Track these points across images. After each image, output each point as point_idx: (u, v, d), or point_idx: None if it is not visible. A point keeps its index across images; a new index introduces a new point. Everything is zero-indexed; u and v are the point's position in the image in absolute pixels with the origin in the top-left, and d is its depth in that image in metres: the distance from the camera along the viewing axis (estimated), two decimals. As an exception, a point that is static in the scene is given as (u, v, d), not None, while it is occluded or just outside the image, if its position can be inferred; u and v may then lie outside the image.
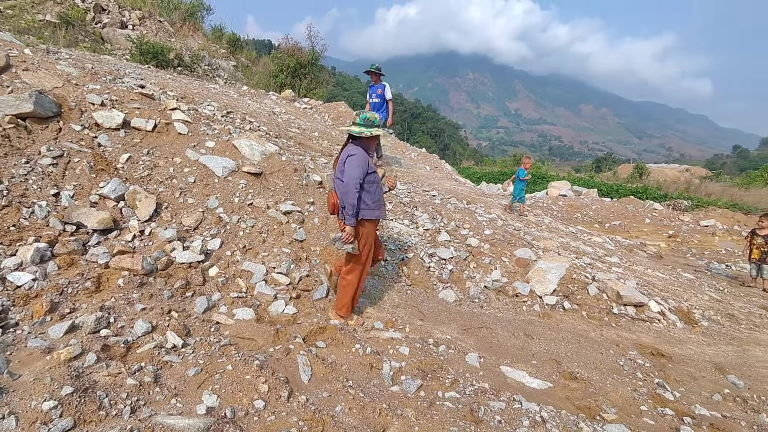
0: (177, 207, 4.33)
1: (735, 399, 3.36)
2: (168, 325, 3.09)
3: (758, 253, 7.19)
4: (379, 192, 3.64)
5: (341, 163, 3.51)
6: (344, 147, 3.62)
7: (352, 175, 3.37)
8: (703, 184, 20.74)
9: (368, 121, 3.53)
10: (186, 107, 6.03)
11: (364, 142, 3.59)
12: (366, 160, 3.49)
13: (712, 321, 5.06)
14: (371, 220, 3.59)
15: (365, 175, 3.46)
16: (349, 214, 3.41)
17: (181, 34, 16.45)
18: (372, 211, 3.57)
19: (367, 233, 3.60)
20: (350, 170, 3.39)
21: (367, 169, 3.49)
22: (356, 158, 3.43)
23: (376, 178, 3.60)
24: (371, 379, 2.98)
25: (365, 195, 3.50)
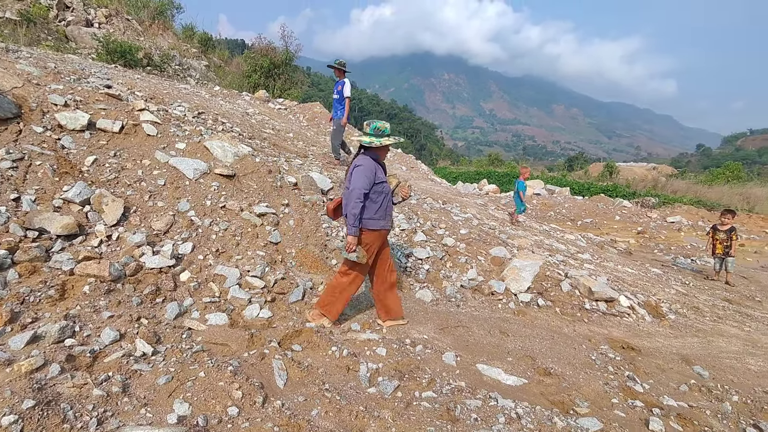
0: (146, 210, 4.21)
1: (700, 389, 3.48)
2: (137, 333, 3.00)
3: (721, 248, 7.41)
4: (386, 203, 3.61)
5: (349, 173, 3.55)
6: (356, 156, 3.63)
7: (358, 185, 3.38)
8: (669, 182, 21.49)
9: (378, 130, 3.52)
10: (155, 108, 5.88)
11: (375, 152, 3.57)
12: (373, 170, 3.48)
13: (679, 314, 5.23)
14: (375, 230, 3.57)
15: (372, 186, 3.45)
16: (350, 223, 3.44)
17: (150, 33, 16.04)
18: (376, 221, 3.55)
19: (371, 242, 3.58)
20: (355, 180, 3.41)
21: (374, 180, 3.47)
22: (362, 169, 3.43)
23: (384, 189, 3.58)
24: (348, 381, 2.96)
25: (371, 205, 3.49)
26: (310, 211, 5.10)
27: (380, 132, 3.51)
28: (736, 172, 25.56)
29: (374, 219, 3.54)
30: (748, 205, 16.66)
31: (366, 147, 3.56)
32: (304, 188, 5.42)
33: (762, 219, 14.83)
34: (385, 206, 3.59)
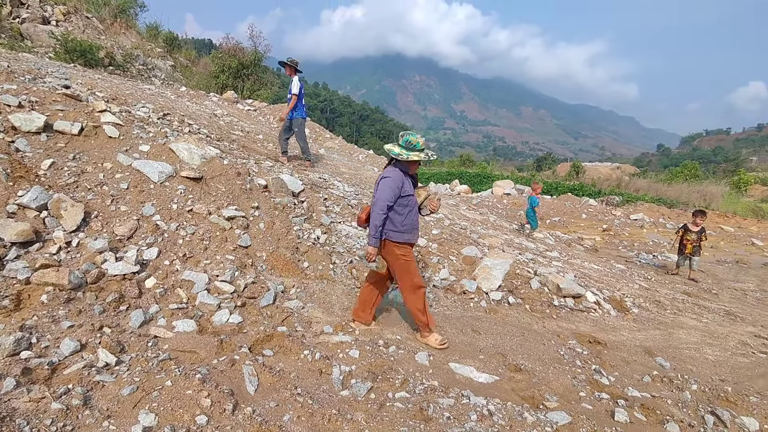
0: (108, 215, 4.06)
1: (662, 379, 3.62)
2: (99, 343, 2.88)
3: (691, 248, 7.61)
4: (411, 215, 3.58)
5: (376, 183, 3.55)
6: (386, 167, 3.64)
7: (382, 197, 3.39)
8: (632, 181, 22.30)
9: (410, 144, 3.49)
10: (117, 109, 5.69)
11: (405, 165, 3.55)
12: (400, 182, 3.47)
13: (642, 308, 5.44)
14: (399, 242, 3.56)
15: (397, 198, 3.44)
16: (371, 234, 3.45)
17: (111, 32, 15.51)
18: (400, 234, 3.54)
19: (402, 254, 3.58)
20: (381, 192, 3.42)
21: (400, 192, 3.46)
22: (389, 181, 3.44)
23: (410, 202, 3.56)
24: (321, 384, 2.93)
25: (395, 217, 3.49)
26: (281, 214, 5.04)
27: (411, 146, 3.48)
28: (694, 171, 26.78)
29: (398, 231, 3.53)
30: (704, 202, 17.46)
31: (395, 158, 3.55)
32: (275, 190, 5.34)
33: (717, 216, 15.58)
34: (410, 219, 3.57)
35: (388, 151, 3.56)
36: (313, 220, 5.31)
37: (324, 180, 7.18)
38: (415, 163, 3.56)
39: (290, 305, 3.93)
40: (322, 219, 5.37)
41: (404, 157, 3.46)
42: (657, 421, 2.99)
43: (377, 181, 3.56)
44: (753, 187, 23.93)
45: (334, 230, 5.33)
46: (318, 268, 4.66)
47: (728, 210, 16.50)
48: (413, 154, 3.47)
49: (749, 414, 3.14)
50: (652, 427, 2.92)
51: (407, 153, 3.47)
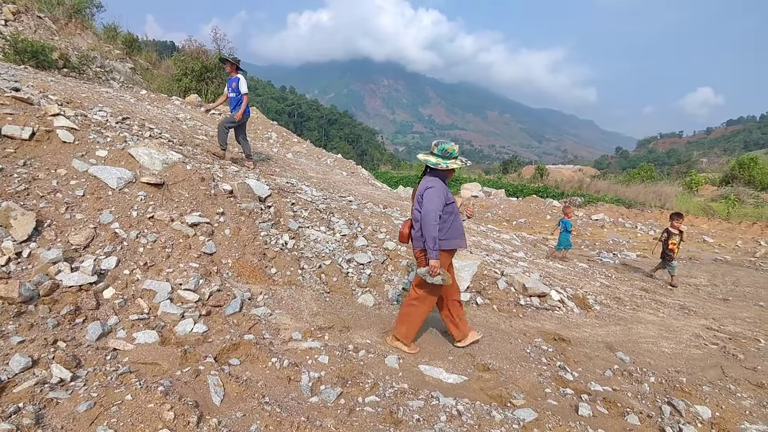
0: (62, 224, 3.87)
1: (623, 373, 3.76)
2: (53, 358, 2.74)
3: (677, 251, 7.61)
4: (457, 222, 3.59)
5: (419, 195, 3.50)
6: (422, 177, 3.61)
7: (431, 207, 3.35)
8: (592, 182, 23.15)
9: (446, 152, 3.47)
10: (72, 113, 5.46)
11: (441, 173, 3.54)
12: (444, 191, 3.47)
13: (603, 305, 5.64)
14: (447, 250, 3.56)
15: (444, 206, 3.43)
16: (430, 246, 3.36)
17: (66, 32, 14.86)
18: (448, 241, 3.53)
19: (443, 261, 3.56)
20: (429, 203, 3.37)
21: (446, 200, 3.46)
22: (435, 190, 3.41)
23: (454, 209, 3.56)
24: (289, 392, 2.89)
25: (442, 225, 3.47)
26: (247, 219, 4.95)
27: (448, 154, 3.48)
28: (650, 173, 28.07)
29: (446, 239, 3.52)
30: (660, 202, 18.31)
31: (432, 168, 3.53)
32: (241, 196, 5.24)
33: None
34: (457, 225, 3.59)
35: (424, 161, 3.55)
36: (280, 226, 5.24)
37: (292, 184, 7.11)
38: (451, 171, 3.58)
39: (257, 312, 3.86)
40: (289, 224, 5.30)
41: (442, 166, 3.46)
42: (618, 413, 3.10)
43: (418, 192, 3.54)
44: (703, 187, 25.28)
45: (302, 235, 5.28)
46: (286, 273, 4.60)
47: (682, 209, 17.36)
48: (450, 163, 3.49)
49: (702, 403, 3.30)
50: (614, 420, 3.02)
51: (445, 162, 3.47)
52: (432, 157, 3.52)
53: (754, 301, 6.86)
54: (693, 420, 3.07)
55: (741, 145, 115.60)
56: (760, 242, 12.59)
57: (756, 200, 20.14)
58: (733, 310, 6.30)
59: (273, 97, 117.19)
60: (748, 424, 3.07)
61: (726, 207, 17.46)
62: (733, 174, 25.88)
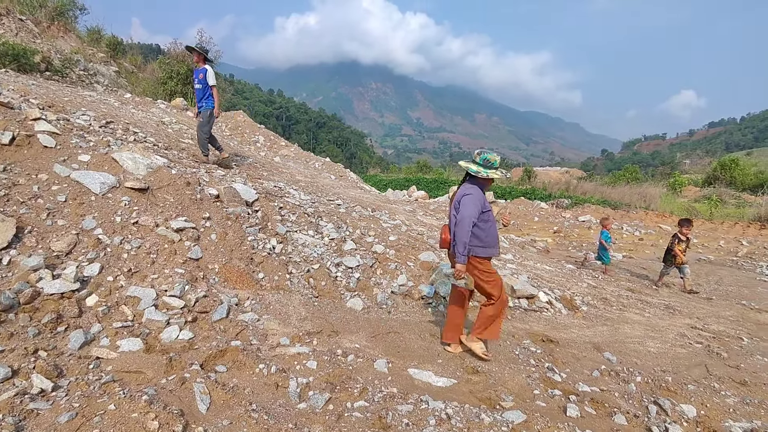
0: (44, 230, 3.79)
1: (610, 373, 3.80)
2: (34, 367, 2.67)
3: (683, 258, 7.40)
4: (493, 230, 3.63)
5: (456, 201, 3.58)
6: (461, 184, 3.70)
7: (467, 213, 3.42)
8: (579, 184, 23.42)
9: (488, 162, 3.55)
10: (54, 117, 5.37)
11: (480, 182, 3.61)
12: (482, 199, 3.54)
13: (590, 305, 5.69)
14: (483, 257, 3.61)
15: (480, 214, 3.49)
16: (460, 251, 3.46)
17: (48, 35, 14.63)
18: (485, 249, 3.60)
19: (487, 268, 3.64)
20: (465, 209, 3.45)
21: (482, 208, 3.52)
22: (473, 197, 3.49)
23: (490, 217, 3.60)
24: (277, 399, 2.86)
25: (479, 232, 3.53)
26: (234, 224, 4.90)
27: (489, 164, 3.56)
28: (634, 174, 28.52)
29: (483, 246, 3.57)
30: (644, 203, 18.59)
31: (472, 176, 3.60)
32: (227, 200, 5.19)
33: (657, 215, 16.63)
34: (493, 233, 3.64)
35: (465, 168, 3.62)
36: (268, 230, 5.20)
37: (279, 188, 7.06)
38: (490, 180, 3.64)
39: (245, 318, 3.82)
40: (277, 228, 5.26)
41: (483, 175, 3.53)
42: (606, 414, 3.13)
43: (456, 199, 3.61)
44: (687, 188, 25.74)
45: (290, 239, 5.24)
46: (274, 278, 4.56)
47: (666, 210, 17.65)
48: (491, 172, 3.55)
49: (688, 402, 3.35)
50: (602, 420, 3.04)
51: (486, 171, 3.54)
52: (473, 165, 3.60)
53: (737, 299, 6.99)
54: (679, 419, 3.10)
55: (722, 146, 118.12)
56: (742, 242, 12.85)
57: (737, 201, 20.57)
58: (716, 309, 6.41)
59: (260, 100, 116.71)
60: (732, 422, 3.11)
61: (708, 207, 17.80)
62: (715, 175, 26.43)
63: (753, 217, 15.48)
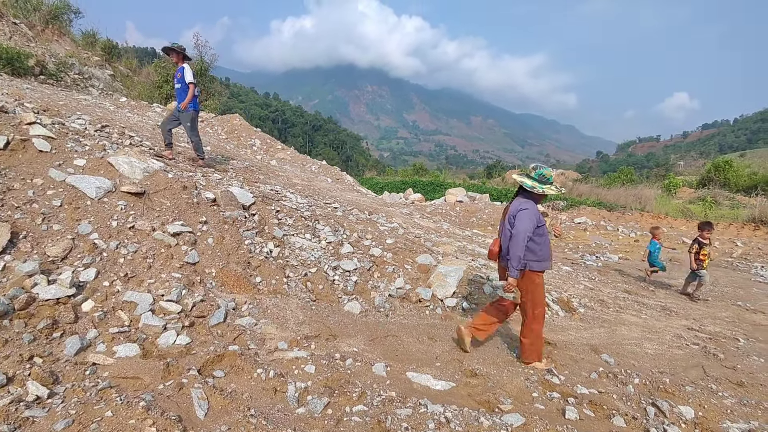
0: (39, 235, 3.77)
1: (608, 375, 3.80)
2: (29, 374, 2.65)
3: (707, 262, 7.04)
4: (546, 244, 3.65)
5: (511, 215, 3.60)
6: (514, 198, 3.72)
7: (522, 228, 3.44)
8: (575, 186, 23.50)
9: (543, 177, 3.58)
10: (49, 121, 5.34)
11: (534, 197, 3.63)
12: (537, 214, 3.55)
13: (587, 307, 5.70)
14: (538, 271, 3.64)
15: (535, 228, 3.51)
16: (513, 265, 3.47)
17: (43, 39, 14.58)
18: (539, 263, 3.61)
19: (538, 283, 3.66)
20: (521, 223, 3.47)
21: (537, 223, 3.54)
22: (528, 212, 3.50)
23: (544, 231, 3.62)
24: (275, 404, 2.84)
25: (533, 246, 3.55)
26: (231, 228, 4.88)
27: (545, 179, 3.58)
28: (629, 176, 28.64)
29: (538, 260, 3.60)
30: (640, 204, 18.67)
31: (526, 190, 3.61)
32: (224, 204, 5.18)
33: (652, 217, 16.69)
34: (547, 246, 3.66)
35: (520, 182, 3.63)
36: (265, 234, 5.19)
37: (276, 192, 7.05)
38: (544, 195, 3.64)
39: (242, 322, 3.80)
40: (274, 232, 5.25)
41: (538, 191, 3.54)
42: (604, 416, 3.13)
43: (510, 213, 3.64)
44: (681, 190, 25.89)
45: (287, 243, 5.23)
46: (271, 282, 4.54)
47: (661, 211, 17.73)
48: (546, 188, 3.57)
49: (685, 403, 3.36)
50: (600, 422, 3.05)
51: (541, 186, 3.56)
52: (528, 179, 3.62)
53: (732, 300, 7.03)
54: (677, 420, 3.11)
55: (716, 148, 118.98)
56: (737, 243, 12.93)
57: (731, 202, 20.70)
58: (712, 310, 6.44)
59: (257, 103, 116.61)
60: (730, 423, 3.12)
61: (703, 209, 17.91)
62: (709, 176, 26.58)
63: (747, 218, 15.57)
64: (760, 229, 14.53)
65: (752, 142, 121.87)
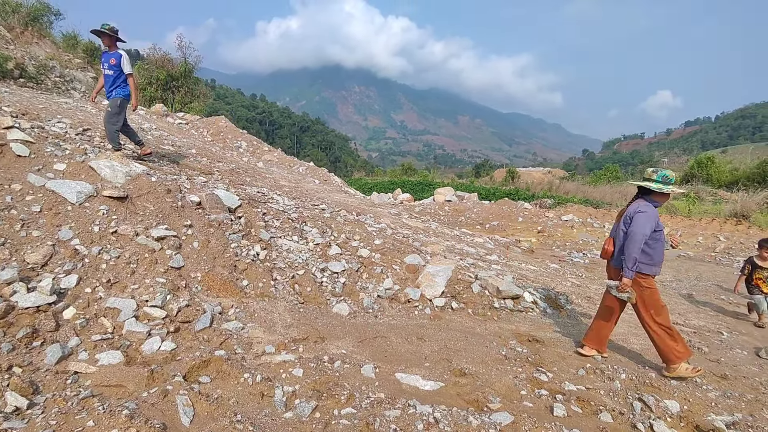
0: (17, 242, 3.68)
1: (595, 371, 3.83)
2: (8, 385, 2.58)
3: (766, 286, 5.78)
4: (660, 249, 3.69)
5: (627, 216, 3.69)
6: (632, 201, 3.80)
7: (640, 230, 3.52)
8: (561, 184, 23.76)
9: (666, 178, 3.64)
10: (28, 125, 5.23)
11: (656, 199, 3.69)
12: (655, 217, 3.61)
13: (574, 304, 5.75)
14: (647, 274, 3.69)
15: (652, 232, 3.57)
16: (629, 266, 3.56)
17: (22, 41, 14.27)
18: (650, 267, 3.68)
19: (646, 286, 3.70)
20: (638, 226, 3.54)
21: (656, 227, 3.60)
22: (647, 215, 3.57)
23: (661, 236, 3.65)
24: (263, 408, 2.81)
25: (648, 250, 3.62)
26: (216, 231, 4.83)
27: (668, 180, 3.64)
28: (615, 173, 29.05)
29: (650, 264, 3.66)
30: (625, 201, 18.90)
31: (646, 191, 3.68)
32: (209, 207, 5.12)
33: (637, 213, 16.93)
34: (661, 252, 3.70)
35: (646, 186, 3.66)
36: (251, 236, 5.14)
37: (263, 194, 6.99)
38: (667, 197, 3.72)
39: (229, 327, 3.75)
40: (261, 234, 5.20)
41: (666, 190, 3.60)
42: (592, 412, 3.16)
43: (627, 214, 3.71)
44: (666, 187, 26.27)
45: (274, 245, 5.18)
46: (258, 285, 4.50)
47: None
48: (671, 188, 3.64)
49: (671, 397, 3.40)
50: (588, 419, 3.07)
51: (666, 187, 3.62)
52: (653, 183, 3.65)
53: (716, 295, 7.15)
54: (663, 414, 3.15)
55: (699, 145, 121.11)
56: (720, 237, 13.16)
57: (714, 197, 21.08)
58: (696, 304, 6.54)
59: (243, 105, 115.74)
60: (714, 416, 3.17)
61: (687, 205, 18.19)
62: (692, 173, 27.04)
63: (729, 213, 15.86)
64: (742, 223, 14.81)
65: (733, 138, 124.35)
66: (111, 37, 5.88)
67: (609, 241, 3.92)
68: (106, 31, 5.82)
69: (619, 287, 3.70)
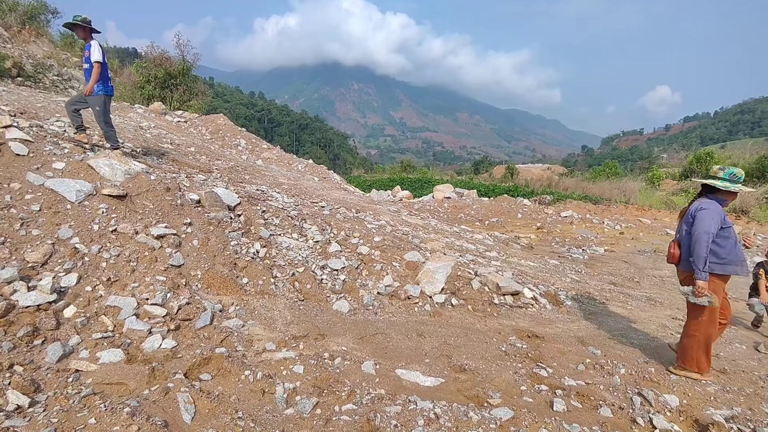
0: (17, 241, 3.68)
1: (594, 366, 3.85)
2: (9, 383, 2.59)
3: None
4: (732, 247, 3.50)
5: (689, 215, 3.55)
6: (695, 199, 3.65)
7: (703, 229, 3.37)
8: (561, 180, 23.75)
9: (734, 176, 3.50)
10: (27, 124, 5.23)
11: (722, 197, 3.55)
12: (721, 214, 3.47)
13: (574, 300, 5.76)
14: (720, 275, 3.52)
15: (718, 230, 3.41)
16: (699, 267, 3.38)
17: (20, 40, 14.24)
18: (723, 266, 3.49)
19: (715, 287, 3.51)
20: (701, 224, 3.40)
21: (723, 224, 3.44)
22: (709, 212, 3.43)
23: (731, 233, 3.50)
24: (263, 405, 2.82)
25: (716, 248, 3.45)
26: (216, 229, 4.83)
27: (736, 178, 3.50)
28: (614, 169, 29.00)
29: (721, 263, 3.48)
30: (624, 197, 18.92)
31: (711, 189, 3.57)
32: (209, 205, 5.12)
33: (636, 209, 16.94)
34: (736, 251, 3.51)
35: (712, 183, 3.54)
36: (251, 234, 5.14)
37: (262, 192, 6.99)
38: (734, 195, 3.57)
39: (229, 324, 3.76)
40: (260, 232, 5.21)
41: (734, 189, 3.48)
42: (591, 407, 3.17)
43: (688, 212, 3.59)
44: (665, 182, 26.29)
45: (274, 243, 5.19)
46: (258, 283, 4.51)
47: (645, 203, 18.00)
48: (738, 186, 3.53)
49: (670, 392, 3.41)
50: (588, 413, 3.08)
51: (734, 185, 3.50)
52: (719, 181, 3.54)
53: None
54: (662, 409, 3.16)
55: (697, 140, 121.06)
56: (719, 233, 13.17)
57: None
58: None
59: (242, 103, 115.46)
60: (713, 410, 3.19)
61: (686, 200, 18.20)
62: (692, 168, 27.02)
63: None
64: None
65: (732, 133, 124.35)
66: (85, 28, 5.65)
67: (674, 244, 3.72)
68: (79, 23, 5.59)
69: (695, 292, 3.47)
